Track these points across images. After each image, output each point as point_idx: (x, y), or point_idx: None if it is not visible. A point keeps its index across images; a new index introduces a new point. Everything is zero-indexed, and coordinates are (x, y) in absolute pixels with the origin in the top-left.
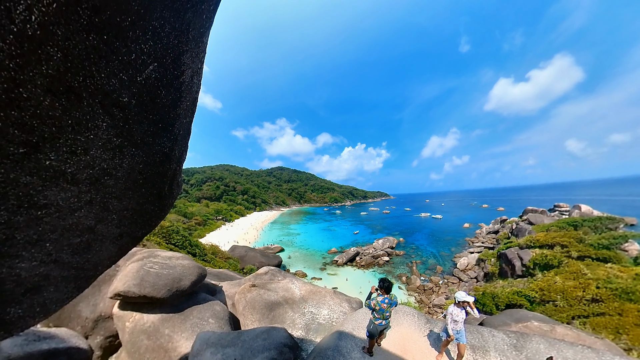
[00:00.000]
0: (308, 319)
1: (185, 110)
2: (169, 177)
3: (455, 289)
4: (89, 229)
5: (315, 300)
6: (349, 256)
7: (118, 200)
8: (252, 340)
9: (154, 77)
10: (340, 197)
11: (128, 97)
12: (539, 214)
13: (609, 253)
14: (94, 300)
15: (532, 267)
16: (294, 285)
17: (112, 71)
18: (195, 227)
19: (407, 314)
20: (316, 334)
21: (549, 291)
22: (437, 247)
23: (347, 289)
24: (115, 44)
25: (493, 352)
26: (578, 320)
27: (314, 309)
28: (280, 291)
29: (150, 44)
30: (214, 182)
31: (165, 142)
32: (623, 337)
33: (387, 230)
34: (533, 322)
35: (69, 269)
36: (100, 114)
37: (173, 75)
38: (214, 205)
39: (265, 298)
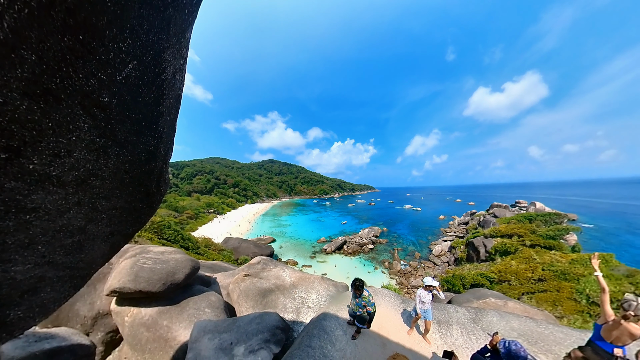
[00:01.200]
0: (298, 303)
1: (168, 108)
2: (156, 174)
3: (431, 272)
4: (80, 229)
5: (304, 286)
6: (337, 245)
7: (106, 200)
8: (246, 325)
9: (134, 76)
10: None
11: (108, 97)
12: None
13: (554, 242)
14: (90, 298)
15: (494, 253)
16: (285, 273)
17: (90, 71)
18: (187, 221)
19: (385, 296)
20: (306, 316)
21: (506, 273)
22: (416, 235)
23: (335, 274)
24: (91, 44)
25: (455, 325)
26: (526, 296)
27: (303, 294)
28: (272, 279)
29: (129, 42)
30: (205, 176)
31: (150, 140)
32: (559, 308)
33: (372, 220)
34: (490, 299)
35: (63, 269)
36: (81, 115)
37: (154, 73)
38: (205, 198)
39: (258, 286)
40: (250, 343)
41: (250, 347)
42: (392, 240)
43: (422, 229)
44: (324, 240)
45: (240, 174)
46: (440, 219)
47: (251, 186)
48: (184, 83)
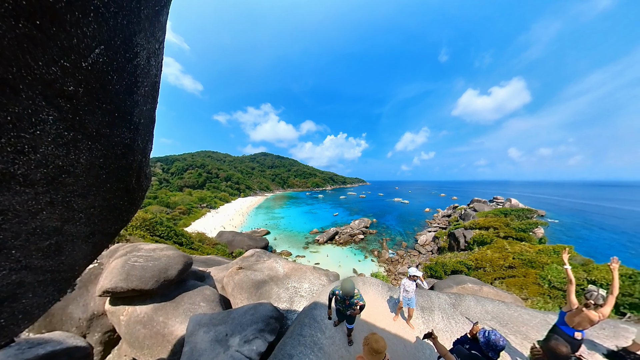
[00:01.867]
0: (291, 292)
1: (144, 97)
2: (135, 169)
3: (416, 260)
4: (56, 230)
5: (297, 276)
6: (329, 235)
7: (82, 198)
8: (241, 316)
9: (101, 62)
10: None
11: (74, 86)
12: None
13: (524, 235)
14: (83, 300)
15: (472, 243)
16: (278, 264)
17: (52, 58)
18: (179, 217)
19: (372, 284)
20: (299, 305)
21: (482, 261)
22: (404, 226)
23: (328, 264)
24: (51, 29)
25: (437, 311)
26: (498, 281)
27: (296, 283)
28: (266, 270)
29: (94, 27)
30: (196, 170)
31: (125, 132)
32: (524, 291)
33: (363, 212)
34: (468, 284)
35: (43, 273)
36: (44, 107)
37: (125, 58)
38: (197, 193)
39: (252, 278)
40: (245, 333)
41: (245, 337)
42: (381, 230)
43: (409, 221)
44: (316, 231)
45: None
46: (425, 212)
47: (244, 179)
48: (161, 70)
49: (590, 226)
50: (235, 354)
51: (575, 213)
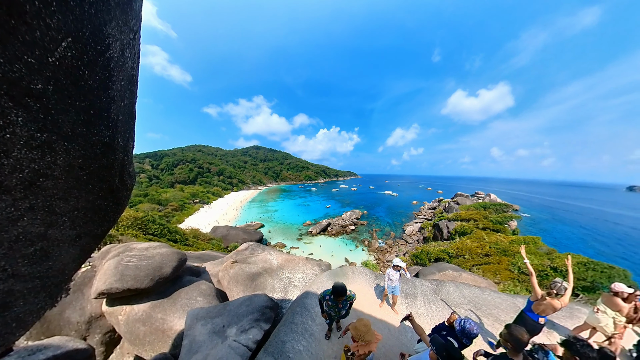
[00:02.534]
0: (285, 283)
1: (120, 92)
2: (117, 168)
3: (403, 249)
4: (40, 236)
5: (290, 267)
6: (321, 227)
7: (64, 202)
8: (237, 308)
9: (70, 56)
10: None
11: (42, 84)
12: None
13: (500, 226)
14: (79, 304)
15: (454, 234)
16: (272, 256)
17: (14, 54)
18: (172, 214)
19: (361, 273)
20: (293, 294)
21: (462, 249)
22: (392, 218)
23: (321, 254)
24: (9, 22)
25: (420, 296)
26: (475, 267)
27: (290, 274)
28: (260, 263)
29: (59, 17)
30: (187, 165)
31: (103, 130)
32: (498, 276)
33: (354, 204)
34: (449, 271)
35: (32, 279)
36: (12, 108)
37: (96, 51)
38: (189, 188)
39: (247, 271)
40: (242, 324)
41: (241, 327)
42: (371, 222)
43: (397, 212)
44: (309, 223)
45: (224, 162)
46: (413, 204)
47: (236, 173)
48: (138, 62)
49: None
50: (233, 344)
51: (544, 209)
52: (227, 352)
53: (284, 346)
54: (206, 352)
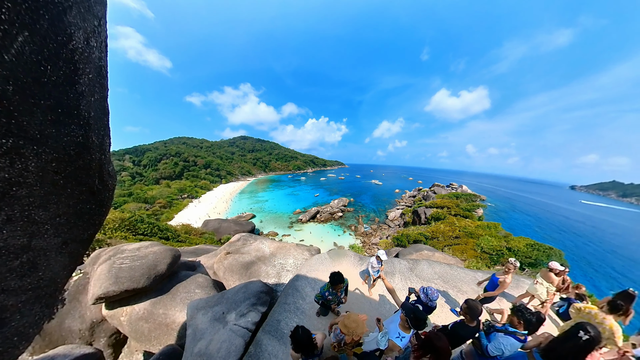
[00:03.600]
0: (278, 269)
1: (89, 86)
2: (95, 169)
3: (386, 232)
4: (24, 247)
5: (282, 254)
6: (311, 214)
7: (43, 209)
8: (234, 295)
9: (29, 51)
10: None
11: (1, 84)
12: (440, 188)
13: (469, 213)
14: (78, 312)
15: (430, 219)
16: (264, 245)
17: None
18: (161, 211)
19: (346, 256)
20: (286, 278)
21: (436, 232)
22: (377, 204)
23: (311, 240)
24: None
25: (398, 274)
26: (447, 248)
27: (282, 260)
28: (253, 252)
29: (9, 7)
30: (171, 159)
31: (75, 129)
32: (464, 255)
33: (342, 192)
34: (425, 251)
35: (24, 292)
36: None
37: (57, 43)
38: (176, 184)
39: (241, 260)
40: (240, 309)
41: (240, 312)
42: (357, 208)
43: (381, 200)
44: (299, 211)
45: (210, 153)
46: (395, 192)
47: (224, 165)
48: (106, 52)
49: (513, 210)
50: (233, 327)
51: (505, 200)
52: (229, 335)
53: (279, 324)
54: (210, 337)
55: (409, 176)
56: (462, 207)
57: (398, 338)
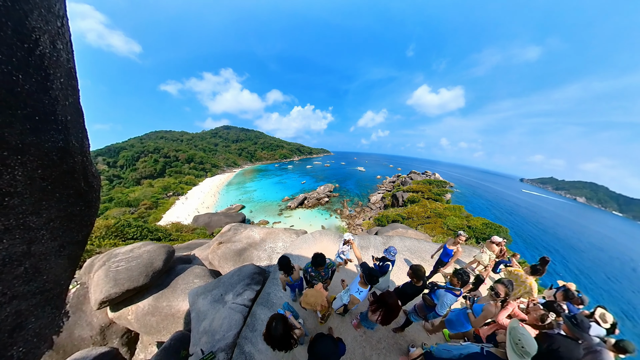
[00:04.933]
0: (269, 252)
1: (62, 90)
2: (79, 171)
3: (368, 214)
4: (25, 254)
5: (272, 239)
6: (298, 201)
7: (37, 216)
8: (229, 279)
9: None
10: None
11: None
12: (416, 175)
13: (439, 197)
14: (85, 321)
15: (407, 202)
16: (254, 232)
17: None
18: (147, 213)
19: (327, 234)
20: (276, 260)
21: (411, 213)
22: (360, 189)
23: (300, 225)
24: None
25: (372, 248)
26: (419, 226)
27: (272, 244)
28: (244, 239)
29: None
30: (150, 156)
31: (54, 135)
32: (433, 232)
33: (327, 179)
34: (400, 229)
35: (33, 296)
36: None
37: (24, 50)
38: (159, 182)
39: (233, 248)
40: (236, 289)
41: (236, 292)
42: (342, 193)
43: (364, 185)
44: (287, 199)
45: (192, 146)
46: (377, 178)
47: (208, 158)
48: (72, 52)
49: (475, 195)
50: (232, 305)
51: (469, 187)
52: (228, 312)
53: (269, 296)
54: (212, 317)
55: (389, 164)
56: (434, 192)
57: (357, 292)
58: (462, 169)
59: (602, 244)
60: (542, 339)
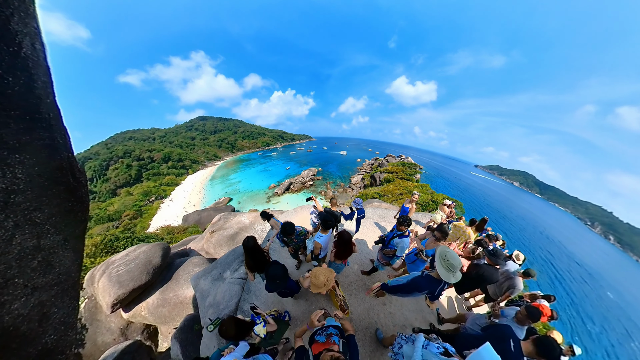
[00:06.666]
0: (260, 233)
1: (44, 89)
2: (67, 167)
3: (350, 194)
4: (36, 248)
5: (260, 221)
6: (285, 187)
7: (40, 211)
8: (225, 259)
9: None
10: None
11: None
12: (392, 158)
13: (410, 177)
14: (104, 327)
15: (383, 181)
16: (243, 217)
17: None
18: (132, 223)
19: (307, 207)
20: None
21: (387, 191)
22: (342, 172)
23: (289, 208)
24: None
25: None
26: (393, 202)
27: (261, 226)
28: (235, 225)
29: None
30: (121, 162)
31: (42, 133)
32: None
33: (311, 163)
34: (375, 202)
35: (51, 287)
36: None
37: (10, 53)
38: (137, 189)
39: (225, 235)
40: (233, 266)
41: (233, 269)
42: (325, 176)
43: (345, 167)
44: (274, 186)
45: (167, 144)
46: (357, 161)
47: (186, 154)
48: (45, 49)
49: (439, 177)
50: (231, 280)
51: (435, 169)
52: (228, 286)
53: None
54: (214, 293)
55: (369, 147)
56: (406, 173)
57: (318, 238)
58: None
59: (524, 215)
60: (472, 267)
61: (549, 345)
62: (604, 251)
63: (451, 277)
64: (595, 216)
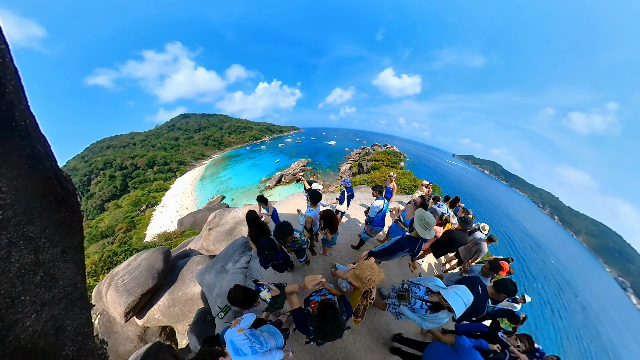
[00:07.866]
0: None
1: (15, 93)
2: (52, 177)
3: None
4: (36, 263)
5: None
6: (276, 179)
7: (32, 225)
8: (225, 252)
9: None
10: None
11: None
12: (378, 147)
13: (395, 165)
14: (123, 337)
15: (370, 169)
16: (238, 212)
17: None
18: (128, 236)
19: (297, 195)
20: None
21: (374, 178)
22: (331, 161)
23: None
24: None
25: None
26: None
27: None
28: (231, 220)
29: None
30: (103, 174)
31: (19, 142)
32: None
33: (300, 155)
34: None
35: (60, 300)
36: None
37: None
38: (126, 200)
39: (223, 230)
40: (234, 258)
41: (234, 260)
42: (315, 166)
43: (334, 157)
44: (265, 179)
45: (149, 148)
46: (345, 150)
47: (171, 156)
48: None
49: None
50: (234, 271)
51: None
52: (232, 277)
53: None
54: (219, 284)
55: (356, 137)
56: (391, 161)
57: (309, 212)
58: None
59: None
60: (446, 234)
61: (503, 284)
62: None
63: (427, 233)
64: (546, 200)
